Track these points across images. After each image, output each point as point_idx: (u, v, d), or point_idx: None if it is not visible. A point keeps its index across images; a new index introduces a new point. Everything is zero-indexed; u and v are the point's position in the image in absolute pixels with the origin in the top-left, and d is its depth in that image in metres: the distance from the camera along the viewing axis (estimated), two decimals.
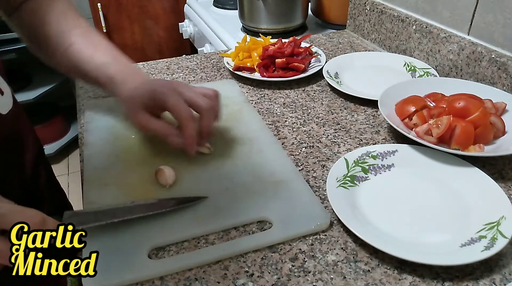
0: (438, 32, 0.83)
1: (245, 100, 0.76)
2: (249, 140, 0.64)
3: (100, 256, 0.44)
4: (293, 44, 0.88)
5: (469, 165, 0.57)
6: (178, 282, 0.44)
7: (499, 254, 0.45)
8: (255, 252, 0.47)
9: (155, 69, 0.90)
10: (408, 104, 0.66)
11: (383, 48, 1.00)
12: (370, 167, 0.58)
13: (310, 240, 0.49)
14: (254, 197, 0.53)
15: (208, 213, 0.51)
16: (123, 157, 0.61)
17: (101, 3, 2.01)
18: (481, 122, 0.60)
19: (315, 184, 0.58)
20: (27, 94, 2.00)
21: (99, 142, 0.64)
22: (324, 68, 0.85)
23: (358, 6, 1.06)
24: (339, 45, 1.03)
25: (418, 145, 0.60)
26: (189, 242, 0.48)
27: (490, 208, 0.50)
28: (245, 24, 1.22)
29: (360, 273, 0.45)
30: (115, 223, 0.49)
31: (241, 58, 0.89)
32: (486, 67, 0.74)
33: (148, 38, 2.21)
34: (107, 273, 0.44)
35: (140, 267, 0.45)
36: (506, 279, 0.44)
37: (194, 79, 0.86)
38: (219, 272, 0.45)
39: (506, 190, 0.56)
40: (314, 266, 0.46)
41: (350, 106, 0.76)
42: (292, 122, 0.72)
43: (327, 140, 0.67)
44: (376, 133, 0.69)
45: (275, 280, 0.44)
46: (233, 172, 0.58)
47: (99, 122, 0.69)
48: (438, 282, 0.44)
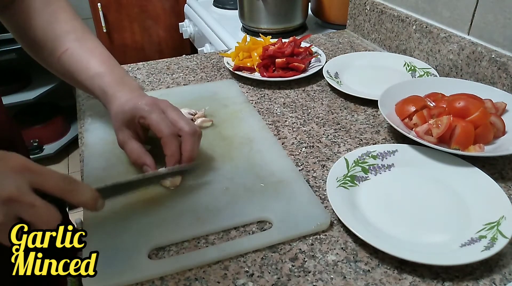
0: (438, 32, 0.83)
1: (246, 100, 0.76)
2: (249, 140, 0.64)
3: (100, 256, 0.44)
4: (293, 44, 0.88)
5: (469, 165, 0.57)
6: (178, 282, 0.44)
7: (499, 254, 0.45)
8: (255, 252, 0.47)
9: (155, 69, 0.90)
10: (408, 104, 0.66)
11: (383, 48, 1.00)
12: (370, 167, 0.58)
13: (310, 240, 0.49)
14: (254, 197, 0.53)
15: (209, 213, 0.51)
16: (123, 158, 0.61)
17: (101, 3, 2.01)
18: (481, 122, 0.60)
19: (315, 184, 0.58)
20: (27, 94, 2.00)
21: (99, 142, 0.64)
22: (324, 68, 0.85)
23: (358, 6, 1.06)
24: (339, 45, 1.03)
25: (418, 145, 0.60)
26: (189, 242, 0.48)
27: (490, 208, 0.50)
28: (245, 24, 1.22)
29: (360, 273, 0.45)
30: (116, 222, 0.49)
31: (241, 58, 0.89)
32: (486, 67, 0.74)
33: (148, 38, 2.21)
34: (107, 273, 0.44)
35: (140, 267, 0.45)
36: (506, 279, 0.44)
37: (194, 79, 0.86)
38: (219, 272, 0.45)
39: (506, 190, 0.56)
40: (314, 266, 0.46)
41: (350, 106, 0.76)
42: (292, 122, 0.72)
43: (327, 140, 0.67)
44: (376, 133, 0.69)
45: (275, 280, 0.44)
46: (233, 172, 0.58)
47: (99, 122, 0.69)
48: (438, 282, 0.44)
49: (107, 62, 0.61)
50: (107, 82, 0.59)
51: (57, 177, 0.38)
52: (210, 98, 0.76)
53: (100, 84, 0.59)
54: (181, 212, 0.51)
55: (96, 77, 0.59)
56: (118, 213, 0.51)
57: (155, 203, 0.53)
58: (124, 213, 0.51)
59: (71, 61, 0.60)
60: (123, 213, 0.51)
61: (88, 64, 0.60)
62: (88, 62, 0.60)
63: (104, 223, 0.49)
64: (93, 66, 0.60)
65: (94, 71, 0.60)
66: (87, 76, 0.60)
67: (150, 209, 0.52)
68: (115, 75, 0.60)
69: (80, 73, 0.60)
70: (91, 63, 0.60)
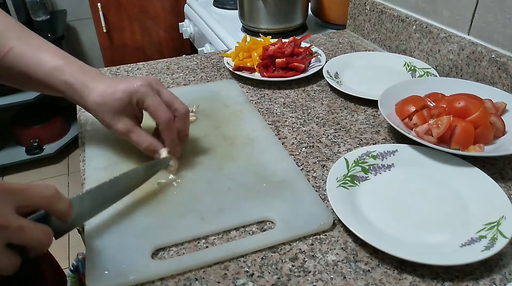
0: (438, 32, 0.83)
1: (246, 100, 0.76)
2: (251, 140, 0.64)
3: (103, 256, 0.44)
4: (293, 44, 0.88)
5: (469, 165, 0.57)
6: (178, 282, 0.44)
7: (499, 254, 0.45)
8: (255, 252, 0.47)
9: (155, 69, 0.90)
10: (408, 104, 0.66)
11: (383, 48, 1.00)
12: (370, 167, 0.58)
13: (310, 240, 0.49)
14: (256, 197, 0.53)
15: (212, 213, 0.51)
16: (123, 157, 0.61)
17: (101, 3, 2.01)
18: (481, 122, 0.60)
19: (315, 184, 0.58)
20: (27, 94, 2.00)
21: (99, 142, 0.64)
22: (324, 68, 0.85)
23: (358, 6, 1.06)
24: (339, 45, 1.03)
25: (418, 145, 0.60)
26: (189, 243, 0.48)
27: (490, 208, 0.50)
28: (245, 24, 1.22)
29: (360, 273, 0.45)
30: (119, 222, 0.49)
31: (241, 58, 0.89)
32: (486, 67, 0.74)
33: (148, 38, 2.21)
34: (110, 273, 0.44)
35: (143, 268, 0.44)
36: (506, 279, 0.44)
37: (194, 79, 0.86)
38: (219, 272, 0.45)
39: (506, 190, 0.56)
40: (314, 266, 0.46)
41: (350, 106, 0.76)
42: (292, 122, 0.72)
43: (327, 140, 0.67)
44: (376, 133, 0.69)
45: (275, 280, 0.44)
46: (235, 172, 0.58)
47: (99, 122, 0.69)
48: (438, 282, 0.44)
49: (60, 54, 0.56)
50: (69, 75, 0.54)
51: (40, 189, 0.37)
52: (211, 98, 0.76)
53: (62, 78, 0.54)
54: (184, 213, 0.51)
55: (55, 72, 0.54)
56: (120, 213, 0.51)
57: (157, 203, 0.53)
58: (127, 213, 0.51)
59: (18, 60, 0.55)
60: (126, 214, 0.51)
61: (41, 60, 0.55)
62: (41, 58, 0.55)
63: (107, 224, 0.49)
64: (47, 61, 0.55)
65: (50, 65, 0.54)
66: (43, 72, 0.54)
67: (152, 209, 0.52)
68: (75, 66, 0.56)
69: (33, 71, 0.55)
70: (44, 59, 0.55)
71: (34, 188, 0.37)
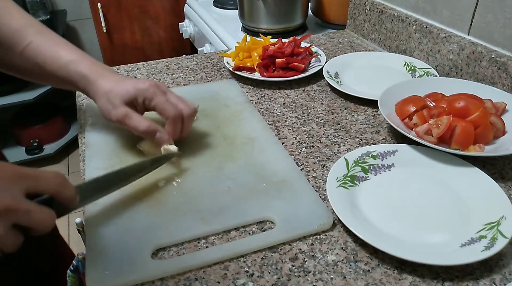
0: (438, 32, 0.83)
1: (246, 100, 0.76)
2: (251, 140, 0.64)
3: (103, 256, 0.44)
4: (293, 44, 0.88)
5: (469, 165, 0.57)
6: (178, 282, 0.44)
7: (499, 254, 0.45)
8: (255, 252, 0.47)
9: (155, 69, 0.90)
10: (408, 104, 0.66)
11: (383, 48, 1.00)
12: (370, 167, 0.58)
13: (310, 240, 0.49)
14: (256, 197, 0.53)
15: (212, 213, 0.51)
16: (123, 157, 0.61)
17: (101, 3, 2.01)
18: (481, 122, 0.60)
19: (315, 184, 0.58)
20: (27, 94, 2.00)
21: (99, 142, 0.64)
22: (324, 68, 0.85)
23: (358, 6, 1.06)
24: (339, 45, 1.03)
25: (418, 145, 0.60)
26: (189, 243, 0.48)
27: (490, 208, 0.50)
28: (245, 24, 1.22)
29: (360, 273, 0.45)
30: (118, 222, 0.49)
31: (241, 58, 0.89)
32: (486, 67, 0.74)
33: (148, 38, 2.21)
34: (110, 273, 0.44)
35: (143, 268, 0.44)
36: (506, 279, 0.44)
37: (194, 79, 0.86)
38: (219, 272, 0.45)
39: (506, 190, 0.56)
40: (314, 266, 0.46)
41: (350, 106, 0.76)
42: (292, 122, 0.72)
43: (327, 140, 0.67)
44: (376, 133, 0.69)
45: (275, 280, 0.44)
46: (235, 172, 0.58)
47: (99, 122, 0.69)
48: (438, 282, 0.44)
49: (75, 50, 0.61)
50: (85, 66, 0.59)
51: (50, 176, 0.40)
52: (211, 98, 0.76)
53: (77, 69, 0.58)
54: (184, 213, 0.51)
55: (71, 64, 0.59)
56: (121, 213, 0.51)
57: (157, 204, 0.53)
58: (127, 213, 0.51)
59: (37, 52, 0.59)
60: (126, 214, 0.51)
61: (58, 54, 0.59)
62: (58, 51, 0.59)
63: (107, 224, 0.49)
64: (64, 55, 0.59)
65: (67, 58, 0.59)
66: (60, 64, 0.59)
67: (153, 209, 0.52)
68: (90, 60, 0.60)
69: (50, 63, 0.59)
70: (61, 52, 0.59)
71: (45, 174, 0.39)
